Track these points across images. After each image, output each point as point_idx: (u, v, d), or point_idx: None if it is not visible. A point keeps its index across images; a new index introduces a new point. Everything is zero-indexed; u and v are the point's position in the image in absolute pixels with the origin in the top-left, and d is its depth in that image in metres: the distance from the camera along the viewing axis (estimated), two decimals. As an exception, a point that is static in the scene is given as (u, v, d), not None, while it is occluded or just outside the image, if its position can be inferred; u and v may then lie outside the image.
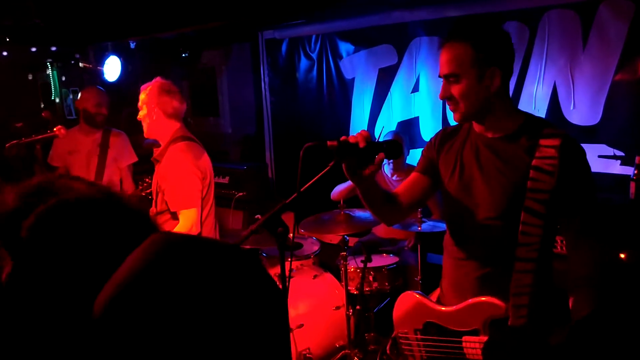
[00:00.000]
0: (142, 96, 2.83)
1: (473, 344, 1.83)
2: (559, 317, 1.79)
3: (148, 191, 3.33)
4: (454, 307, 1.88)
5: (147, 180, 3.41)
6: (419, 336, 1.96)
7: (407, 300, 2.04)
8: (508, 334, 1.75)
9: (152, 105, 2.80)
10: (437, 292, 2.07)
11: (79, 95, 3.95)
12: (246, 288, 0.63)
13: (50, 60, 5.43)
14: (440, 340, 1.90)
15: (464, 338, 1.84)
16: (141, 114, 2.85)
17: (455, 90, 1.71)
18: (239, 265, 0.64)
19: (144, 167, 4.06)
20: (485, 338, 1.80)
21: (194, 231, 2.72)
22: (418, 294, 2.02)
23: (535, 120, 1.80)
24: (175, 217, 2.75)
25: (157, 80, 2.86)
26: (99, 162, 3.85)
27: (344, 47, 4.81)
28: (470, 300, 1.83)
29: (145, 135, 2.92)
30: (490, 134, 1.79)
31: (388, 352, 2.07)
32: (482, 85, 1.69)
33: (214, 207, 2.95)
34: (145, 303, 0.58)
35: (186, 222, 2.70)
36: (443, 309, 1.92)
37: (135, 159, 4.08)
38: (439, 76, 1.77)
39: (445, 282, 1.99)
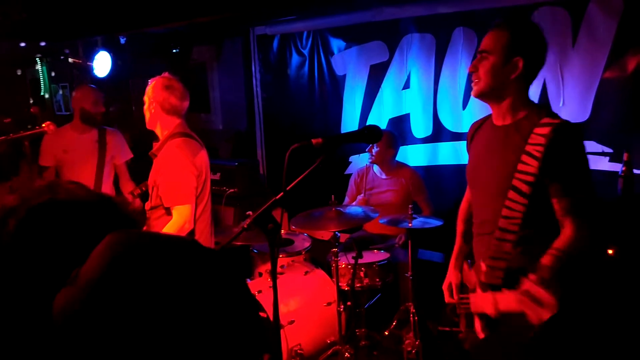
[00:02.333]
0: (147, 89, 2.87)
1: (466, 300, 2.18)
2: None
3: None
4: (470, 270, 2.20)
5: None
6: (461, 295, 2.31)
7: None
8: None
9: (151, 99, 2.84)
10: None
11: (73, 94, 3.90)
12: (206, 285, 0.62)
13: (39, 55, 5.37)
14: (463, 297, 2.26)
15: (470, 295, 2.14)
16: (144, 106, 2.88)
17: (483, 66, 1.96)
18: (198, 263, 0.64)
19: (138, 163, 4.05)
20: (473, 294, 2.06)
21: (187, 228, 2.72)
22: (466, 262, 2.33)
23: (539, 109, 1.98)
24: (169, 212, 2.74)
25: (163, 75, 2.89)
26: (99, 161, 3.82)
27: (336, 44, 4.80)
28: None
29: (146, 127, 2.95)
30: (500, 122, 2.03)
31: (448, 312, 2.37)
32: (505, 68, 1.93)
33: (209, 204, 2.94)
34: (105, 308, 0.58)
35: (179, 218, 2.69)
36: (468, 270, 2.25)
37: (131, 155, 4.07)
38: (477, 51, 2.01)
39: (474, 253, 2.25)
